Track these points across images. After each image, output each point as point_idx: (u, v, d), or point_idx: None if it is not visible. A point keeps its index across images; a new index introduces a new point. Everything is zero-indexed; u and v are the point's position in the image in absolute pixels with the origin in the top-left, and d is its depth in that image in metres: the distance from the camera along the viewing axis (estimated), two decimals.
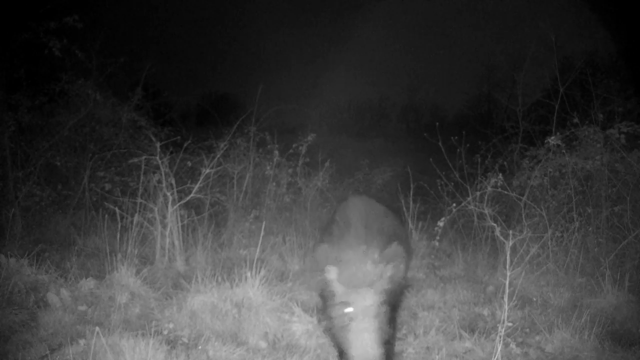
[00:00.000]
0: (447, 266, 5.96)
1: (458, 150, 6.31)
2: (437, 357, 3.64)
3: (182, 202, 5.44)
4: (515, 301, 4.49)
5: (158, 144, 5.35)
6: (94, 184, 6.69)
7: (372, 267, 2.82)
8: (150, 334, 3.35)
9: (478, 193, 5.73)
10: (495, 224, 4.72)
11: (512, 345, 3.85)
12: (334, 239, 3.17)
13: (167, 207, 5.29)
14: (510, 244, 3.67)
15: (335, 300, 2.81)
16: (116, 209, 5.18)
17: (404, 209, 6.42)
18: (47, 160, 6.77)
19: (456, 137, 6.34)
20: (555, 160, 6.03)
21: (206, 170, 5.65)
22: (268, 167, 7.03)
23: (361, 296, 2.73)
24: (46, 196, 6.60)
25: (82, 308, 4.01)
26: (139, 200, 5.45)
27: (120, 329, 3.43)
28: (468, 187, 5.91)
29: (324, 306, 2.95)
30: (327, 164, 7.47)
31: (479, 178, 6.17)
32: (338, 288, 2.80)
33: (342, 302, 2.75)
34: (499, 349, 3.25)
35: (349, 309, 2.72)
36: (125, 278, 4.37)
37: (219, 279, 4.24)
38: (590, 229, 5.67)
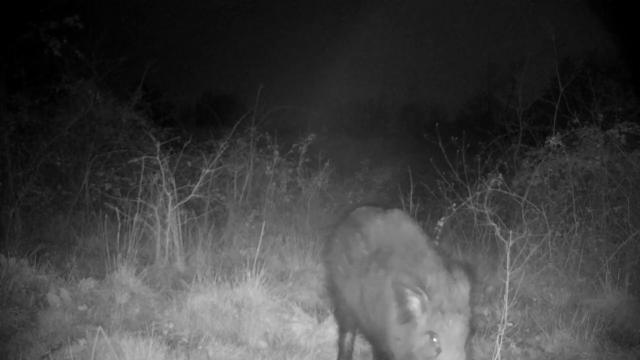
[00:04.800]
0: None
1: (458, 150, 6.31)
2: None
3: (182, 202, 5.44)
4: (515, 301, 4.49)
5: (158, 144, 5.35)
6: (94, 184, 6.69)
7: (462, 292, 2.60)
8: (150, 334, 3.34)
9: (478, 193, 5.73)
10: (495, 224, 4.73)
11: (512, 345, 3.86)
12: (402, 266, 2.81)
13: (167, 207, 5.29)
14: (510, 244, 3.67)
15: (418, 330, 2.57)
16: (116, 209, 5.18)
17: (404, 209, 6.42)
18: (47, 160, 6.77)
19: (456, 137, 6.34)
20: (555, 160, 6.04)
21: (206, 170, 5.65)
22: (268, 167, 7.03)
23: (448, 325, 2.52)
24: (46, 196, 6.60)
25: (82, 308, 4.01)
26: (139, 200, 5.45)
27: (120, 329, 3.43)
28: (468, 187, 5.91)
29: (407, 337, 2.62)
30: (327, 164, 7.47)
31: (479, 178, 6.17)
32: (422, 318, 2.56)
33: (427, 332, 2.53)
34: (499, 349, 3.24)
35: (435, 340, 2.51)
36: (125, 278, 4.37)
37: (219, 279, 4.24)
38: (590, 229, 5.67)
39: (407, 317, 2.60)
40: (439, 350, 2.50)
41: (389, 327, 2.79)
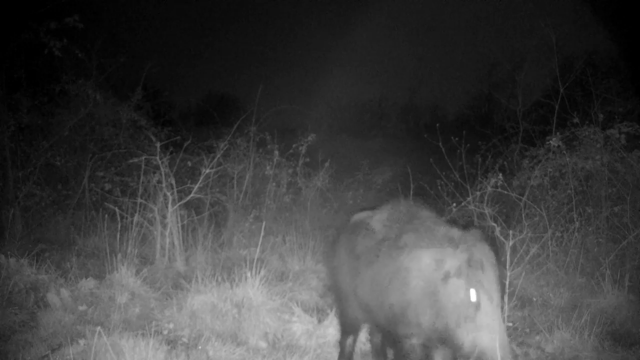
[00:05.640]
0: None
1: (458, 150, 6.30)
2: None
3: (182, 202, 5.44)
4: (515, 301, 4.49)
5: (158, 144, 5.36)
6: (94, 184, 6.69)
7: (486, 247, 2.80)
8: (150, 334, 3.34)
9: (478, 193, 5.72)
10: (495, 224, 4.72)
11: (512, 345, 3.85)
12: (416, 241, 2.96)
13: (167, 207, 5.29)
14: (510, 244, 3.67)
15: (452, 290, 2.64)
16: (116, 209, 5.19)
17: None
18: (47, 160, 6.78)
19: (456, 138, 6.33)
20: (555, 160, 6.03)
21: (206, 170, 5.65)
22: (268, 167, 7.03)
23: (485, 277, 2.63)
24: (46, 196, 6.61)
25: (82, 308, 4.02)
26: (139, 200, 5.45)
27: (120, 329, 3.43)
28: (468, 187, 5.90)
29: (437, 303, 2.71)
30: (327, 164, 7.46)
31: (479, 178, 6.16)
32: (458, 274, 2.61)
33: (466, 287, 2.56)
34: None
35: (474, 294, 2.51)
36: (125, 278, 4.37)
37: (219, 279, 4.24)
38: (590, 229, 5.67)
39: (445, 277, 2.55)
40: (477, 307, 2.40)
41: (410, 304, 2.77)
